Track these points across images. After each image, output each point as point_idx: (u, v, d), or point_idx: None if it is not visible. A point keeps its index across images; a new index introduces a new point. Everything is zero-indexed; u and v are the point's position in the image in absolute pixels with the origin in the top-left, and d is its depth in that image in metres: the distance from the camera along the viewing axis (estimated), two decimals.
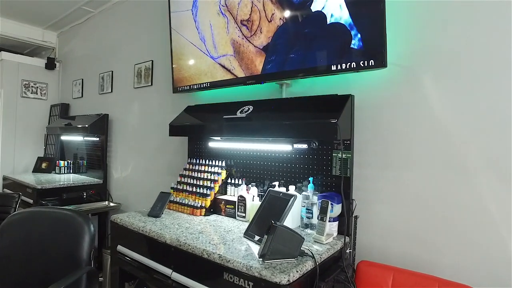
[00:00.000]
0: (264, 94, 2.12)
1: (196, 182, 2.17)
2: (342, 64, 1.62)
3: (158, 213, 1.95)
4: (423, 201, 1.56)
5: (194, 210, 2.04)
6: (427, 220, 1.55)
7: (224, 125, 1.96)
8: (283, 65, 1.83)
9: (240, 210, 1.95)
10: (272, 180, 2.02)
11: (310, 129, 1.60)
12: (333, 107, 1.65)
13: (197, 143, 2.46)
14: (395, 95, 1.65)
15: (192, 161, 2.35)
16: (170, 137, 2.69)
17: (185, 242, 1.52)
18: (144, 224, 1.78)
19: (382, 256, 1.66)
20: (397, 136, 1.64)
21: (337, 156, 1.73)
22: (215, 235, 1.64)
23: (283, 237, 1.29)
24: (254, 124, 1.81)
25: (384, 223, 1.67)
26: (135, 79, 3.17)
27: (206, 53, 2.22)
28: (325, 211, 1.56)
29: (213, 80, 2.19)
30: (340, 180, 1.71)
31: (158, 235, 1.65)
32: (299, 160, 1.90)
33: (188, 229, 1.72)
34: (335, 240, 1.60)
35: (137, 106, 3.17)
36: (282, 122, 1.69)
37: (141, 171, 3.12)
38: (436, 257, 1.51)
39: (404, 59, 1.62)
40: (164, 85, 2.83)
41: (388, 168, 1.66)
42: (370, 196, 1.71)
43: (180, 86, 2.49)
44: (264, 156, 2.06)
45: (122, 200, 3.29)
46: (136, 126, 3.18)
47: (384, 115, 1.68)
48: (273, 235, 1.28)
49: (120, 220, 1.88)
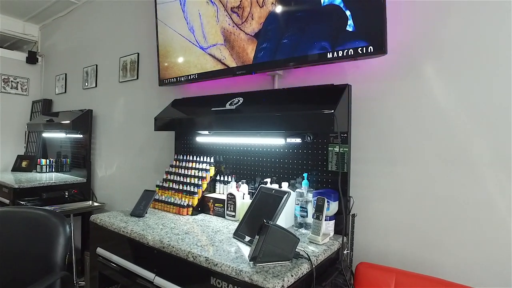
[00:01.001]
0: (255, 86, 2.01)
1: (183, 179, 2.04)
2: (339, 52, 1.51)
3: (141, 212, 1.82)
4: (425, 198, 1.46)
5: (180, 209, 1.91)
6: (429, 218, 1.45)
7: (213, 118, 1.84)
8: (275, 52, 1.71)
9: (229, 208, 1.83)
10: (264, 176, 1.90)
11: (305, 121, 1.48)
12: (329, 98, 1.54)
13: (184, 139, 2.33)
14: (394, 85, 1.55)
15: (179, 158, 2.21)
16: (156, 133, 2.58)
17: (169, 243, 1.39)
18: (126, 225, 1.64)
19: (381, 256, 1.56)
20: (396, 129, 1.54)
21: (333, 150, 1.62)
22: (202, 236, 1.51)
23: (276, 238, 1.17)
24: (244, 116, 1.69)
25: (383, 221, 1.57)
26: (120, 72, 3.02)
27: (196, 43, 2.10)
28: (321, 209, 1.45)
29: (202, 70, 2.07)
30: (336, 176, 1.61)
31: (140, 236, 1.51)
32: (293, 155, 1.78)
33: (173, 229, 1.59)
34: (331, 240, 1.48)
35: (122, 101, 3.03)
36: (274, 114, 1.58)
37: (126, 169, 2.97)
38: (439, 257, 1.41)
39: (404, 47, 1.51)
40: (151, 78, 2.70)
41: (387, 163, 1.56)
42: (368, 193, 1.60)
43: (167, 79, 2.36)
44: (255, 151, 1.94)
45: (107, 199, 3.14)
46: (121, 122, 3.04)
47: (383, 106, 1.58)
48: (265, 235, 1.16)
49: (100, 220, 1.74)
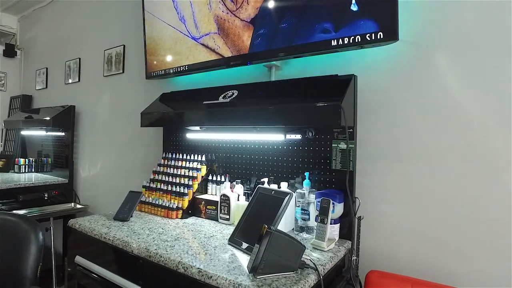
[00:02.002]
0: (250, 79, 1.86)
1: (172, 179, 1.88)
2: (344, 38, 1.38)
3: (126, 216, 1.65)
4: (438, 199, 1.34)
5: (169, 212, 1.75)
6: (443, 221, 1.32)
7: (204, 112, 1.68)
8: (273, 38, 1.56)
9: (223, 211, 1.67)
10: (260, 176, 1.75)
11: (308, 114, 1.34)
12: (334, 89, 1.40)
13: (173, 135, 2.17)
14: (403, 77, 1.42)
15: (167, 156, 2.05)
16: (143, 129, 2.42)
17: (157, 252, 1.24)
18: (108, 230, 1.47)
19: (390, 263, 1.43)
20: (406, 123, 1.41)
21: (338, 147, 1.49)
22: (193, 242, 1.36)
23: (280, 246, 1.03)
24: (239, 110, 1.54)
25: (392, 224, 1.44)
26: (105, 66, 2.84)
27: (187, 34, 1.94)
28: (326, 211, 1.31)
29: (194, 62, 1.90)
30: (341, 175, 1.47)
31: (123, 244, 1.35)
32: (292, 152, 1.64)
33: (161, 235, 1.43)
34: (337, 246, 1.35)
35: (107, 96, 2.84)
36: (274, 107, 1.43)
37: (111, 168, 2.79)
38: (454, 264, 1.29)
39: (414, 35, 1.39)
40: (137, 72, 2.52)
41: (395, 161, 1.43)
42: (374, 194, 1.48)
43: (155, 71, 2.19)
44: (251, 148, 1.80)
45: (90, 201, 2.95)
46: (106, 119, 2.85)
47: (391, 99, 1.45)
48: (267, 243, 1.01)
49: (79, 225, 1.56)
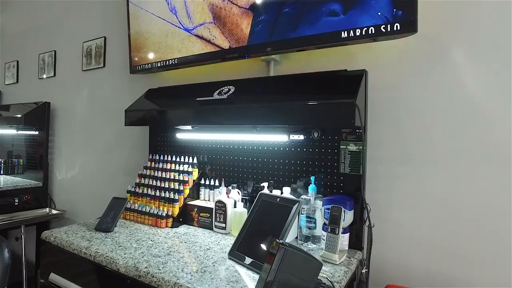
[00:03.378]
0: (246, 74, 1.71)
1: (161, 184, 1.71)
2: (356, 30, 1.25)
3: (109, 226, 1.47)
4: (453, 205, 1.24)
5: (158, 220, 1.58)
6: (460, 229, 1.23)
7: (197, 110, 1.52)
8: (275, 24, 1.41)
9: (218, 219, 1.52)
10: (259, 180, 1.61)
11: (317, 113, 1.21)
12: (344, 85, 1.28)
13: (161, 135, 1.99)
14: (417, 73, 1.32)
15: (154, 158, 1.88)
16: (127, 129, 2.23)
17: (147, 270, 1.07)
18: (89, 244, 1.29)
19: (401, 274, 1.32)
20: (419, 123, 1.31)
21: (347, 148, 1.37)
22: (189, 257, 1.20)
23: (295, 264, 0.89)
24: (238, 108, 1.40)
25: (403, 233, 1.33)
26: (83, 59, 2.62)
27: (179, 26, 1.77)
28: (337, 220, 1.18)
29: (187, 54, 1.74)
30: (350, 180, 1.35)
31: (107, 260, 1.18)
32: (295, 154, 1.51)
33: (151, 248, 1.27)
34: (348, 258, 1.23)
35: (86, 92, 2.62)
36: (277, 104, 1.29)
37: (91, 170, 2.57)
38: (472, 274, 1.20)
39: (429, 28, 1.28)
40: (120, 66, 2.33)
41: (407, 164, 1.32)
42: (385, 199, 1.36)
43: (140, 65, 2.01)
44: (248, 150, 1.65)
45: (68, 206, 2.72)
46: (85, 117, 2.63)
47: (402, 97, 1.34)
48: (280, 261, 0.87)
49: (55, 238, 1.37)
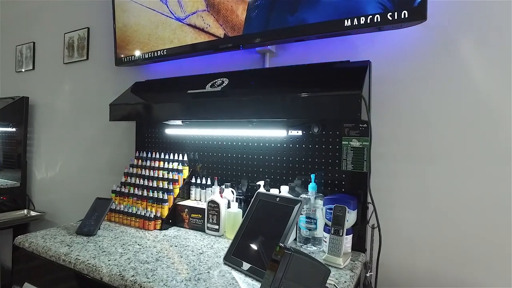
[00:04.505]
0: (240, 67, 1.62)
1: (148, 183, 1.59)
2: (360, 18, 1.17)
3: (92, 229, 1.35)
4: (460, 205, 1.17)
5: (145, 222, 1.46)
6: (468, 230, 1.16)
7: (188, 103, 1.42)
8: (272, 8, 1.31)
9: (211, 220, 1.42)
10: (254, 178, 1.52)
11: (319, 106, 1.12)
12: (348, 77, 1.19)
13: (149, 131, 1.87)
14: (422, 65, 1.25)
15: (141, 155, 1.76)
16: (112, 125, 2.11)
17: (135, 279, 0.96)
18: (69, 250, 1.17)
19: (406, 277, 1.25)
20: (425, 118, 1.24)
21: (349, 144, 1.29)
22: (180, 263, 1.10)
23: (301, 270, 0.80)
24: (233, 101, 1.30)
25: (407, 233, 1.26)
26: (65, 51, 2.47)
27: (170, 15, 1.66)
28: (341, 221, 1.10)
29: (180, 45, 1.62)
30: (353, 178, 1.27)
31: (89, 268, 1.06)
32: (293, 151, 1.42)
33: (138, 254, 1.16)
34: (352, 261, 1.15)
35: (68, 86, 2.47)
36: (276, 97, 1.20)
37: (74, 169, 2.43)
38: (480, 276, 1.14)
39: (435, 18, 1.21)
40: (105, 58, 2.19)
41: (413, 161, 1.25)
42: (386, 199, 1.29)
43: (126, 57, 1.88)
44: (243, 146, 1.55)
45: (48, 207, 2.56)
46: (67, 112, 2.48)
47: (407, 91, 1.27)
48: (285, 267, 0.78)
49: (30, 243, 1.24)
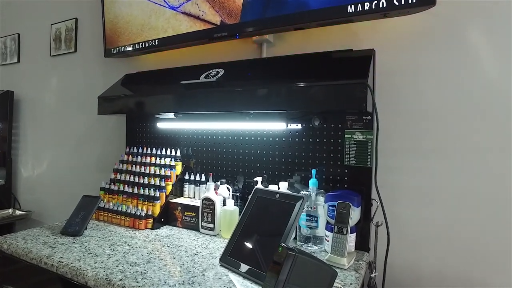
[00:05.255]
0: (236, 57, 1.54)
1: (139, 179, 1.51)
2: (365, 3, 1.10)
3: (78, 229, 1.26)
4: (470, 202, 1.12)
5: (136, 221, 1.38)
6: (476, 228, 1.10)
7: (181, 95, 1.34)
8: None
9: (206, 219, 1.34)
10: (251, 174, 1.44)
11: (321, 96, 1.05)
12: (351, 66, 1.12)
13: (140, 125, 1.79)
14: (428, 55, 1.19)
15: (132, 151, 1.67)
16: (102, 120, 2.02)
17: (122, 283, 0.88)
18: (51, 251, 1.09)
19: (411, 277, 1.19)
20: (431, 110, 1.17)
21: (352, 138, 1.22)
22: (173, 265, 1.02)
23: (306, 273, 0.73)
24: (229, 91, 1.22)
25: (412, 232, 1.20)
26: (52, 44, 2.36)
27: (164, 4, 1.57)
28: (346, 219, 1.03)
29: (174, 34, 1.53)
30: (356, 173, 1.21)
31: (73, 271, 0.98)
32: (292, 145, 1.35)
33: (127, 255, 1.08)
34: (357, 261, 1.08)
35: (55, 80, 2.37)
36: (275, 87, 1.13)
37: (62, 167, 2.33)
38: (490, 275, 1.08)
39: (441, 5, 1.15)
40: (94, 50, 2.09)
41: (418, 156, 1.19)
42: (391, 195, 1.23)
43: (115, 47, 1.79)
44: (239, 140, 1.48)
45: (35, 206, 2.46)
46: (54, 107, 2.37)
47: (412, 82, 1.21)
48: (289, 270, 0.71)
49: (9, 245, 1.15)
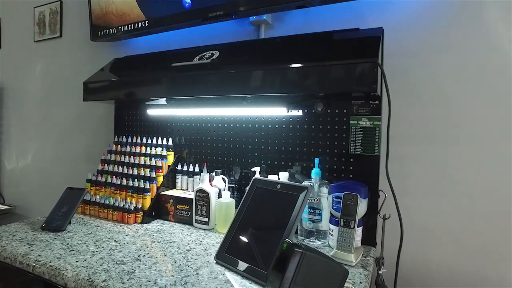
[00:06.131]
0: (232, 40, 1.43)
1: (128, 170, 1.41)
2: None
3: (60, 224, 1.16)
4: (484, 193, 1.04)
5: (125, 215, 1.28)
6: (490, 221, 1.03)
7: (173, 79, 1.23)
8: None
9: (200, 212, 1.25)
10: (248, 164, 1.35)
11: (327, 77, 0.96)
12: (359, 45, 1.03)
13: (130, 113, 1.68)
14: (440, 34, 1.09)
15: (121, 140, 1.56)
16: (90, 109, 1.92)
17: (106, 284, 0.79)
18: (29, 249, 0.98)
19: (421, 274, 1.12)
20: (442, 95, 1.09)
21: (358, 124, 1.13)
22: (164, 263, 0.92)
23: (314, 272, 0.64)
24: (224, 73, 1.12)
25: (422, 225, 1.12)
26: (35, 28, 2.23)
27: None
28: (353, 211, 0.95)
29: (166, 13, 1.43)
30: (362, 162, 1.12)
31: (52, 272, 0.88)
32: (293, 132, 1.25)
33: (113, 252, 0.98)
34: (364, 258, 1.00)
35: (40, 67, 2.24)
36: (275, 67, 1.03)
37: (48, 158, 2.21)
38: (505, 272, 1.01)
39: None
40: (80, 35, 1.97)
41: (427, 143, 1.11)
42: (399, 185, 1.14)
43: (103, 30, 1.67)
44: (236, 128, 1.38)
45: (19, 200, 2.34)
46: (39, 96, 2.25)
47: (423, 64, 1.11)
48: (296, 269, 0.62)
49: None
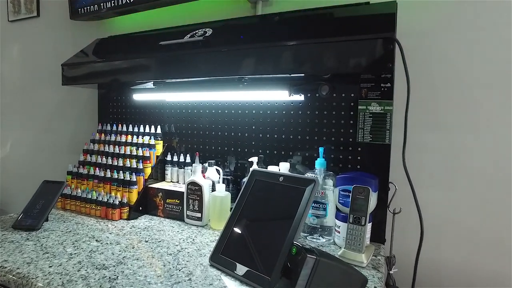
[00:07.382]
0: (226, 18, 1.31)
1: (113, 161, 1.28)
2: None
3: (35, 222, 1.04)
4: (500, 183, 0.95)
5: (109, 210, 1.16)
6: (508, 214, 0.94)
7: (161, 58, 1.10)
8: None
9: (192, 207, 1.14)
10: (244, 154, 1.24)
11: (334, 55, 0.84)
12: (371, 21, 0.92)
13: (114, 99, 1.54)
14: (454, 13, 0.99)
15: (105, 128, 1.43)
16: (72, 95, 1.80)
17: None
18: None
19: (433, 273, 1.04)
20: (456, 79, 0.99)
21: (367, 110, 1.02)
22: (151, 267, 0.82)
23: (330, 281, 0.54)
24: (218, 51, 0.99)
25: (434, 219, 1.03)
26: (9, 7, 2.06)
27: None
28: (364, 206, 0.85)
29: None
30: (371, 152, 1.02)
31: (19, 280, 0.76)
32: (294, 119, 1.14)
33: (94, 254, 0.87)
34: (375, 257, 0.90)
35: (16, 49, 2.07)
36: (276, 44, 0.91)
37: (27, 148, 2.07)
38: None
39: None
40: (60, 14, 1.81)
41: (440, 131, 1.02)
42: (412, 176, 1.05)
43: (83, 7, 1.52)
44: (231, 115, 1.26)
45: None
46: (16, 81, 2.09)
47: (436, 45, 1.02)
48: (309, 277, 0.52)
49: None
